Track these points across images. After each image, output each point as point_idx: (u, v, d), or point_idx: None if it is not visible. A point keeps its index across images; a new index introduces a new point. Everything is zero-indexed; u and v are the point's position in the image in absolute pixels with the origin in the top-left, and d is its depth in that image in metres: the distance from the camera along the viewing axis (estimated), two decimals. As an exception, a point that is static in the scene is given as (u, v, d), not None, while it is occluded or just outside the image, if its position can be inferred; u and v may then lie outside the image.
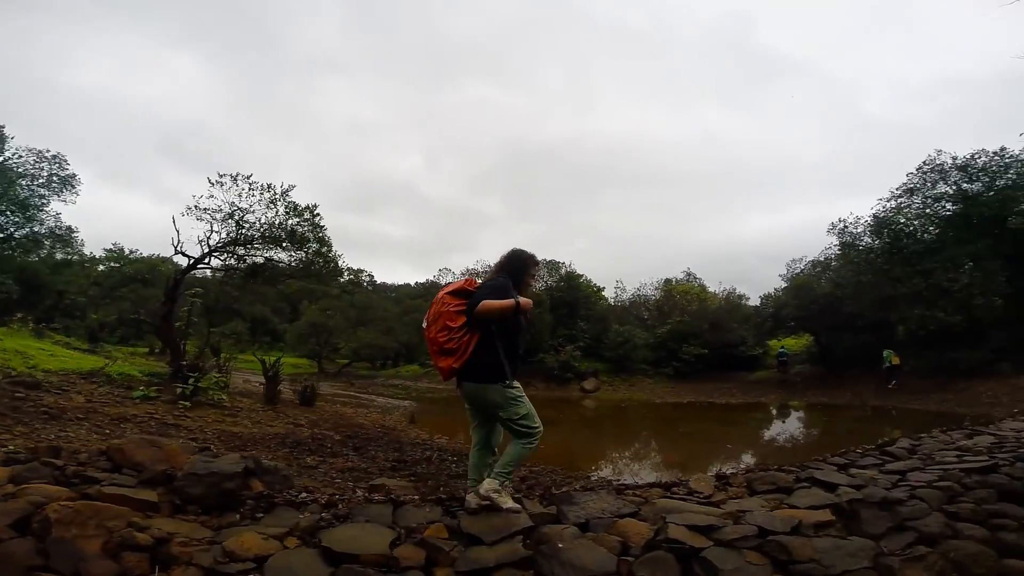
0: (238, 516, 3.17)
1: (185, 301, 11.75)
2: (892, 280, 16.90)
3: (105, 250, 25.99)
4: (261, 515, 3.18)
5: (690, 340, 23.89)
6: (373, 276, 49.86)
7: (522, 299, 3.06)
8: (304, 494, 3.70)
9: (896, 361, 18.45)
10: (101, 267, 26.03)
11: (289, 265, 12.60)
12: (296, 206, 11.15)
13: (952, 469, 3.95)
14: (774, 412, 16.99)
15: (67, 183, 15.80)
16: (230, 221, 10.94)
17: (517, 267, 3.29)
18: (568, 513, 3.16)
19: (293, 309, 31.43)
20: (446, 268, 29.52)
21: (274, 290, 36.15)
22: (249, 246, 11.55)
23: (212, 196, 10.62)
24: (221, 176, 10.68)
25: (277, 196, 10.84)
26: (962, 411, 13.07)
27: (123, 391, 9.47)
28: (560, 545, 2.67)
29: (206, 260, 11.23)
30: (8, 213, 14.48)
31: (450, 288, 3.18)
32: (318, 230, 11.64)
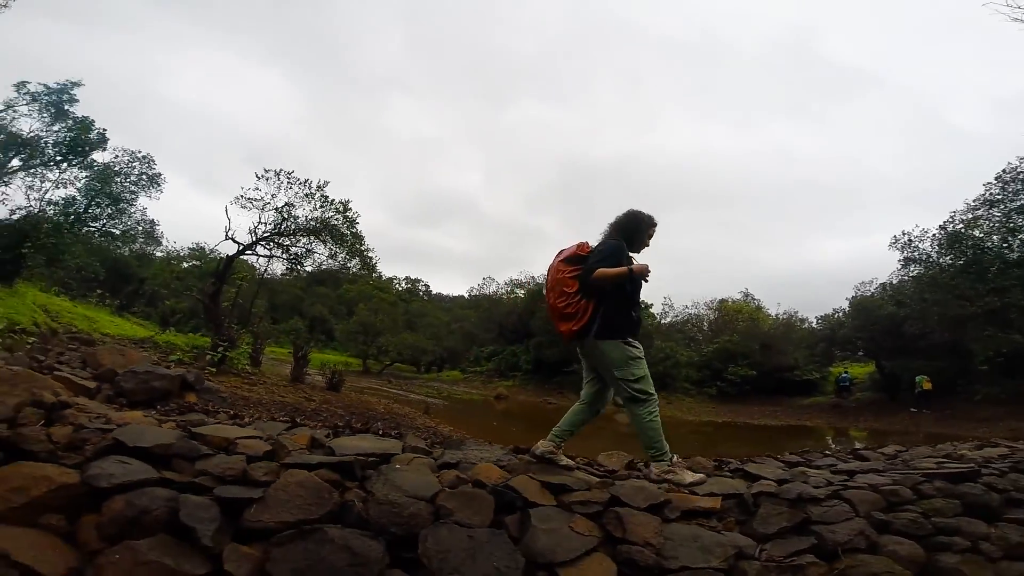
0: (154, 411, 3.66)
1: (233, 284, 13.03)
2: (960, 298, 15.36)
3: (188, 248, 28.94)
4: (175, 415, 3.64)
5: (738, 360, 22.74)
6: (429, 286, 51.84)
7: (636, 265, 3.03)
8: (225, 412, 4.16)
9: (928, 386, 17.47)
10: (185, 264, 29.02)
11: (330, 259, 13.56)
12: (330, 199, 12.10)
13: (914, 474, 3.26)
14: (814, 435, 15.83)
15: (154, 181, 17.99)
16: (273, 212, 12.05)
17: (633, 228, 3.21)
18: (445, 454, 3.13)
19: (349, 312, 33.32)
20: (490, 277, 30.19)
21: (333, 293, 38.96)
22: (292, 237, 12.62)
23: (257, 188, 11.79)
24: (267, 171, 11.85)
25: (312, 190, 11.81)
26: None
27: (163, 355, 10.66)
28: (396, 467, 2.68)
29: (253, 248, 12.38)
30: (103, 206, 16.72)
31: (564, 255, 3.15)
32: (351, 224, 12.49)
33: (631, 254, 3.14)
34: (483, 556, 2.14)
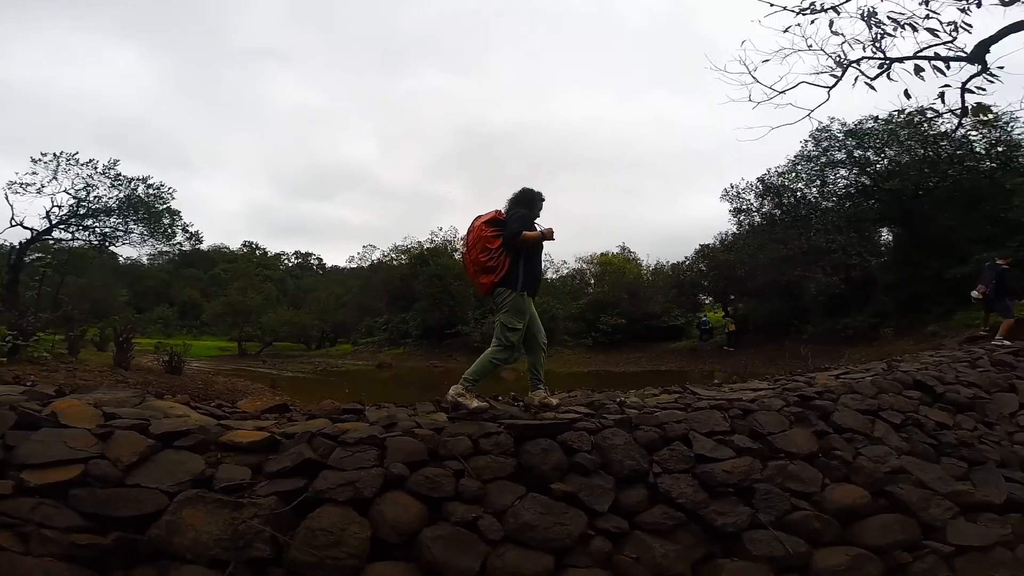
0: None
1: (37, 272, 11.93)
2: (775, 242, 17.19)
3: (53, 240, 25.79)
4: None
5: (608, 311, 24.17)
6: (322, 259, 50.36)
7: (544, 229, 3.60)
8: None
9: (732, 328, 20.57)
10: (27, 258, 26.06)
11: (151, 237, 12.70)
12: (123, 177, 11.27)
13: (491, 424, 3.04)
14: (674, 378, 17.31)
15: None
16: (66, 195, 11.08)
17: (530, 201, 3.76)
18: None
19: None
20: (371, 245, 29.95)
21: (205, 274, 36.67)
22: (98, 218, 11.68)
23: (35, 172, 10.77)
24: (43, 155, 10.82)
25: (101, 170, 10.98)
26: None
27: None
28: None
29: (50, 232, 11.37)
30: None
31: (486, 218, 3.61)
32: (160, 200, 11.76)
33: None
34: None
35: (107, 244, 12.20)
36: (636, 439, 3.08)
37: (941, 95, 4.38)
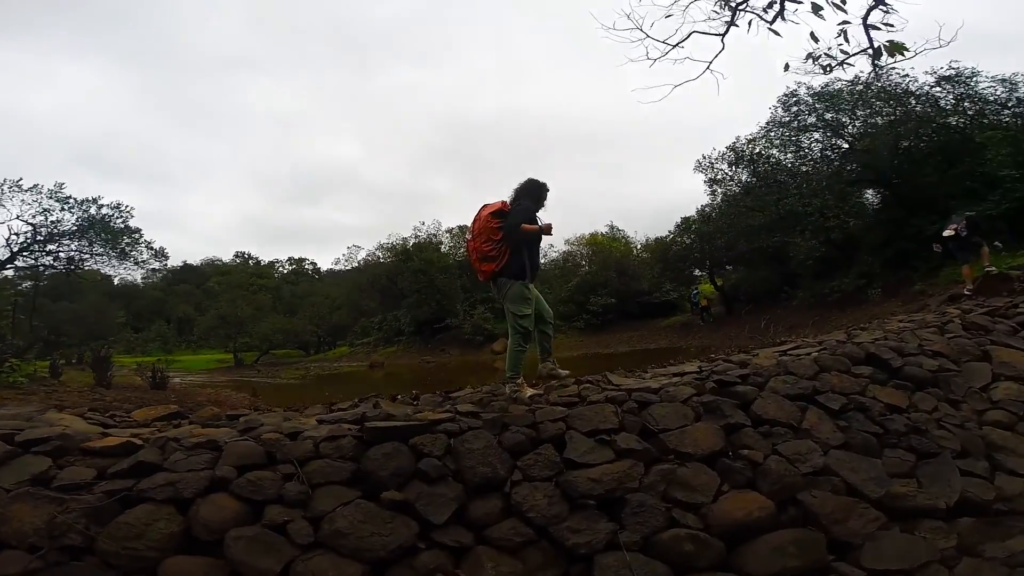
0: None
1: (10, 301, 12.09)
2: (751, 209, 16.94)
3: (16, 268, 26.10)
4: None
5: (598, 291, 24.01)
6: (316, 264, 50.39)
7: (545, 224, 3.79)
8: None
9: (705, 303, 20.52)
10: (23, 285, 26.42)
11: (118, 258, 12.77)
12: (73, 199, 11.35)
13: (350, 426, 2.94)
14: (668, 355, 17.20)
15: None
16: (17, 222, 11.20)
17: (535, 192, 3.95)
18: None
19: (221, 305, 31.90)
20: (356, 246, 30.05)
21: (198, 289, 37.00)
22: (59, 243, 11.77)
23: None
24: None
25: (45, 195, 11.07)
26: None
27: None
28: None
29: (12, 261, 11.47)
30: None
31: (491, 209, 3.81)
32: (119, 219, 11.82)
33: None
34: None
35: (73, 268, 12.29)
36: (502, 442, 2.86)
37: (843, 33, 4.16)
